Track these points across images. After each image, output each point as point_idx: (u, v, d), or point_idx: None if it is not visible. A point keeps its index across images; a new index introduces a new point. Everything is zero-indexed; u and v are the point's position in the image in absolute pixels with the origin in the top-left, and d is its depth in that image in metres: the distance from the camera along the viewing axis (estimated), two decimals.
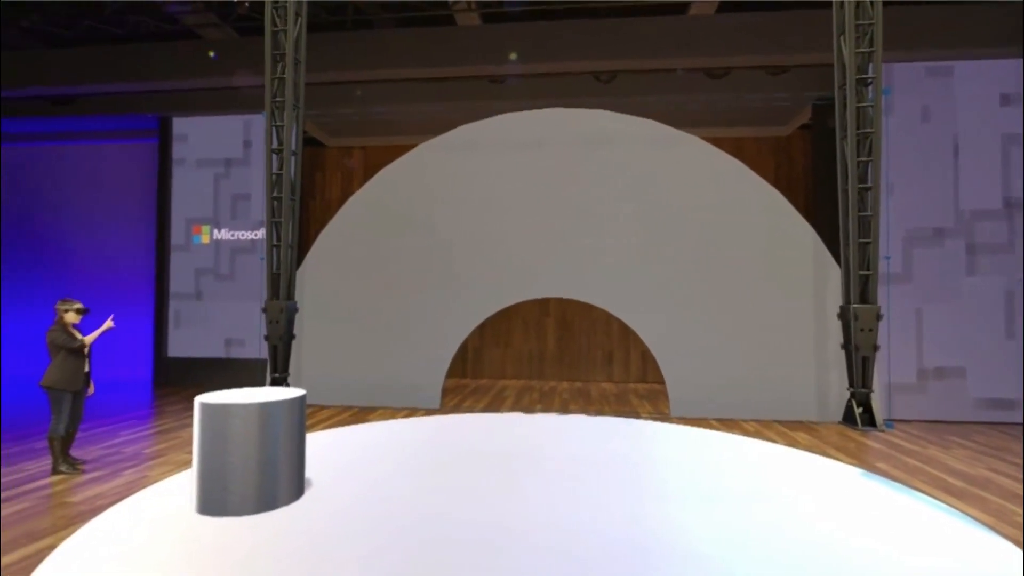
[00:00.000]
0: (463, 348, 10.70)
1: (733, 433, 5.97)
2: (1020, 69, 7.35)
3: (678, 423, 6.51)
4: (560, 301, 10.17)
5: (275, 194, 7.83)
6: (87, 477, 4.34)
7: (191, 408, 3.46)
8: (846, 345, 6.92)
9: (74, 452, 4.81)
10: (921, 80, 7.51)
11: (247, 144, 9.58)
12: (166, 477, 4.25)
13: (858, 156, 6.86)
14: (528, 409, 7.53)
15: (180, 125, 9.83)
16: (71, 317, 4.53)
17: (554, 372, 10.30)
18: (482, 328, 10.00)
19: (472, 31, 8.53)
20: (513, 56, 8.22)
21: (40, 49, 8.54)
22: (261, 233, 9.26)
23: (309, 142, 10.70)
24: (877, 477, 4.29)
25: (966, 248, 7.31)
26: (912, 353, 7.28)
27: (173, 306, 9.64)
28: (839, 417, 7.01)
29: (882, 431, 6.45)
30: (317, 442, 5.11)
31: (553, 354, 10.39)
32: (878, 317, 6.73)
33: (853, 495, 3.65)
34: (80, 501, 3.80)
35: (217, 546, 2.94)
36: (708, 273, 7.42)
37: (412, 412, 7.17)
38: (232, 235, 9.54)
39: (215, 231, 9.62)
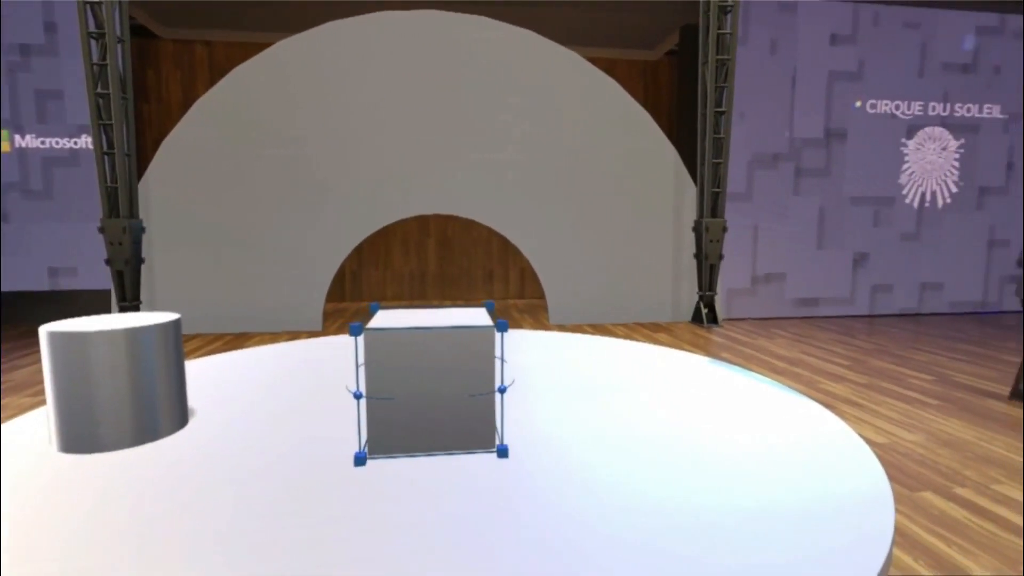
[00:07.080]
0: (340, 271, 10.24)
1: (603, 336, 6.61)
2: (850, 12, 8.35)
3: (555, 330, 7.03)
4: (440, 220, 10.09)
5: (99, 90, 6.58)
6: None
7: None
8: (697, 254, 7.85)
9: None
10: (773, 14, 8.23)
11: (50, 27, 7.77)
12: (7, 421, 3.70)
13: (716, 81, 7.46)
14: None
15: None
16: None
17: (436, 292, 10.38)
18: (360, 249, 9.65)
19: None
20: None
21: None
22: (83, 140, 7.81)
23: (137, 31, 8.98)
24: (721, 363, 5.09)
25: (795, 171, 8.48)
26: (747, 262, 8.48)
27: None
28: (689, 318, 8.06)
29: (721, 327, 7.56)
30: (194, 370, 4.72)
31: (434, 274, 10.41)
32: (724, 230, 7.67)
33: (704, 378, 4.32)
34: None
35: (83, 480, 2.69)
36: (580, 188, 7.82)
37: (294, 336, 6.87)
38: (43, 143, 7.90)
39: (16, 137, 7.89)
